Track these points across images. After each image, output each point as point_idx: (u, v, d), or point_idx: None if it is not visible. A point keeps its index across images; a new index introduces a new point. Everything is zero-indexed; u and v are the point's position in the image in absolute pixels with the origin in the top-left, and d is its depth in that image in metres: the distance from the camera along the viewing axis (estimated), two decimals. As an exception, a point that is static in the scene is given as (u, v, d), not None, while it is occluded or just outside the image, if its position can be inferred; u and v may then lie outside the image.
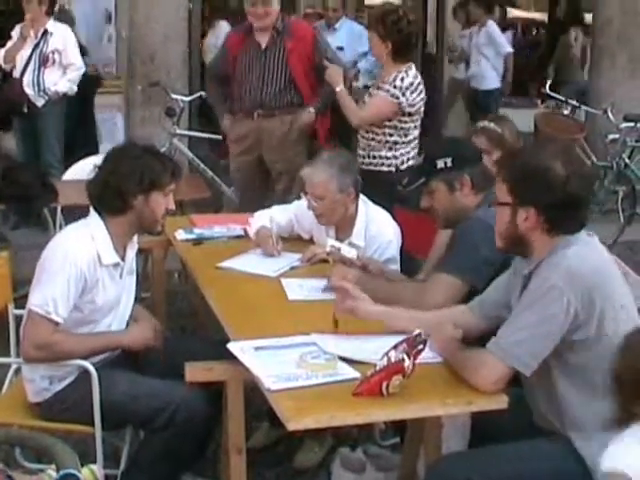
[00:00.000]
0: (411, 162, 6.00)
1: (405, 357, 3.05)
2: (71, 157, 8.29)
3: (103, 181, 3.89)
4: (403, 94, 5.86)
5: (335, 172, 4.54)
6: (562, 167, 3.16)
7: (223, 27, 11.37)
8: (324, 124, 6.70)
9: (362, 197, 4.71)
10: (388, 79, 5.90)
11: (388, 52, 5.95)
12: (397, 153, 5.95)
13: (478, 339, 3.36)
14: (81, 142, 9.43)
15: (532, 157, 3.28)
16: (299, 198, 4.98)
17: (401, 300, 3.76)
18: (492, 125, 4.69)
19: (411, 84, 5.90)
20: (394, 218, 4.76)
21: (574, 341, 3.14)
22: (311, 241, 4.88)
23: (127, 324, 4.07)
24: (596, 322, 3.12)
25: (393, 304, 3.68)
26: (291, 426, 2.92)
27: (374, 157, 5.97)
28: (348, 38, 9.27)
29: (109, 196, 3.86)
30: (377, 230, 4.64)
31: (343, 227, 4.69)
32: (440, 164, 3.93)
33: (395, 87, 5.86)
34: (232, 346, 3.39)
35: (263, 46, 6.52)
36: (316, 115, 6.60)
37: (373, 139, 6.01)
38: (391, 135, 5.98)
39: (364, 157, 6.04)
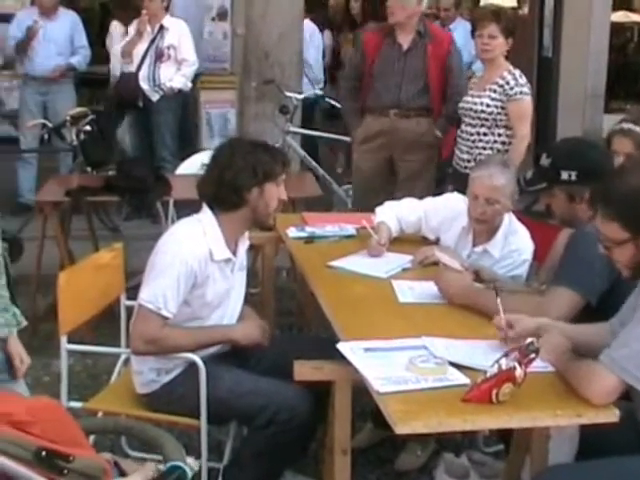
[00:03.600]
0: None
1: (517, 365, 3.01)
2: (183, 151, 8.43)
3: (217, 178, 3.89)
4: (530, 90, 5.86)
5: (512, 178, 4.38)
6: None
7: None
8: (447, 140, 6.66)
9: None
10: (511, 80, 5.88)
11: (507, 49, 5.94)
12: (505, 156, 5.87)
13: None
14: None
15: (628, 185, 3.14)
16: (421, 198, 4.94)
17: (515, 312, 3.69)
18: (638, 129, 4.59)
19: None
20: None
21: None
22: (434, 242, 4.79)
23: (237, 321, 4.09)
24: None
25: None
26: (399, 430, 2.89)
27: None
28: (463, 39, 9.17)
29: (225, 192, 3.87)
30: (517, 246, 4.50)
31: (484, 233, 4.55)
32: (564, 175, 3.83)
33: (523, 85, 5.88)
34: (342, 346, 3.37)
35: (405, 47, 6.51)
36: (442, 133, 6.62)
37: (480, 140, 5.96)
38: (500, 135, 5.93)
39: (468, 160, 5.98)
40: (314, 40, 9.91)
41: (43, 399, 2.38)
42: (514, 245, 4.50)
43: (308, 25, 9.77)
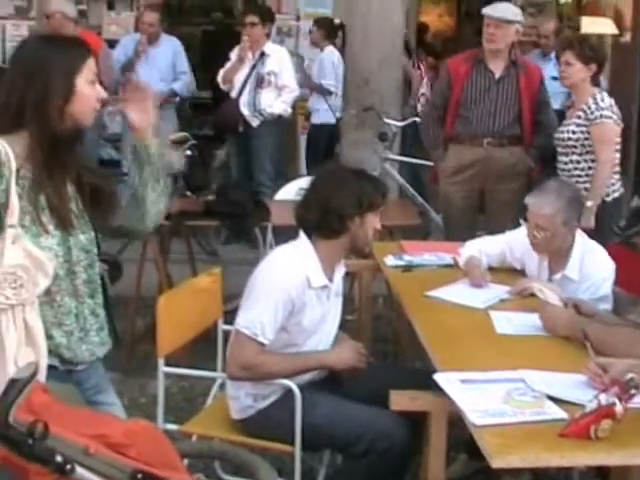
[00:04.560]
0: (617, 194, 5.87)
1: (617, 401, 2.95)
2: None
3: (322, 205, 3.90)
4: (616, 114, 5.78)
5: (563, 205, 4.40)
6: None
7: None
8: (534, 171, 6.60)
9: (578, 230, 4.58)
10: (592, 104, 5.82)
11: (591, 75, 5.86)
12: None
13: None
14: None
15: None
16: (511, 228, 4.90)
17: (616, 346, 3.61)
18: None
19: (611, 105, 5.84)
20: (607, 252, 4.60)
21: None
22: (523, 272, 4.77)
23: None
24: None
25: (607, 349, 3.55)
26: (495, 464, 2.85)
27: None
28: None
29: (329, 220, 3.88)
30: (593, 266, 4.47)
31: (557, 259, 4.55)
32: None
33: (604, 108, 5.79)
34: (438, 377, 3.36)
35: (497, 75, 6.46)
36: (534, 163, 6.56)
37: (575, 168, 5.90)
38: (593, 161, 5.85)
39: None
40: (337, 68, 9.73)
41: (141, 422, 2.40)
42: (592, 266, 4.48)
43: (332, 53, 9.60)
